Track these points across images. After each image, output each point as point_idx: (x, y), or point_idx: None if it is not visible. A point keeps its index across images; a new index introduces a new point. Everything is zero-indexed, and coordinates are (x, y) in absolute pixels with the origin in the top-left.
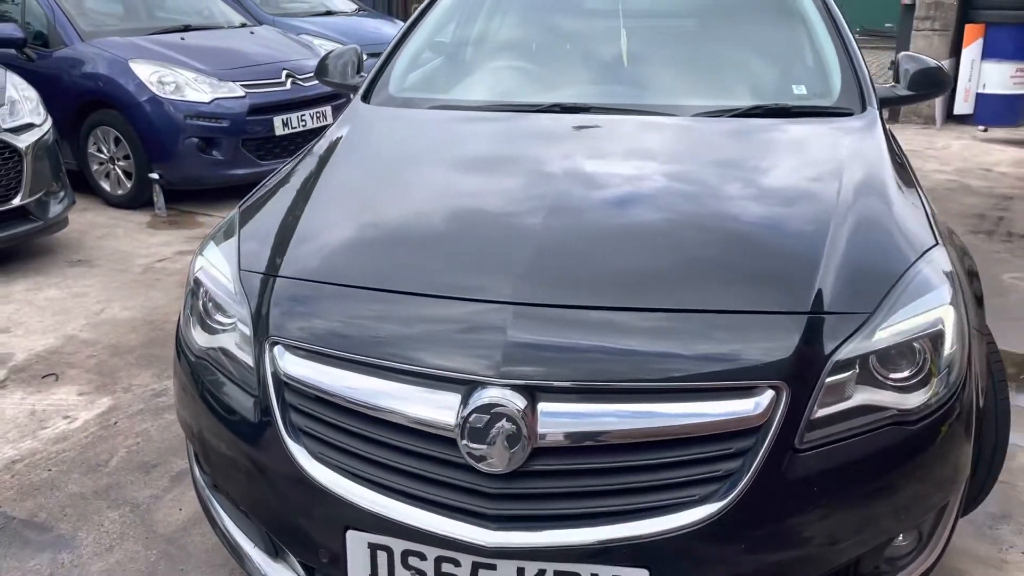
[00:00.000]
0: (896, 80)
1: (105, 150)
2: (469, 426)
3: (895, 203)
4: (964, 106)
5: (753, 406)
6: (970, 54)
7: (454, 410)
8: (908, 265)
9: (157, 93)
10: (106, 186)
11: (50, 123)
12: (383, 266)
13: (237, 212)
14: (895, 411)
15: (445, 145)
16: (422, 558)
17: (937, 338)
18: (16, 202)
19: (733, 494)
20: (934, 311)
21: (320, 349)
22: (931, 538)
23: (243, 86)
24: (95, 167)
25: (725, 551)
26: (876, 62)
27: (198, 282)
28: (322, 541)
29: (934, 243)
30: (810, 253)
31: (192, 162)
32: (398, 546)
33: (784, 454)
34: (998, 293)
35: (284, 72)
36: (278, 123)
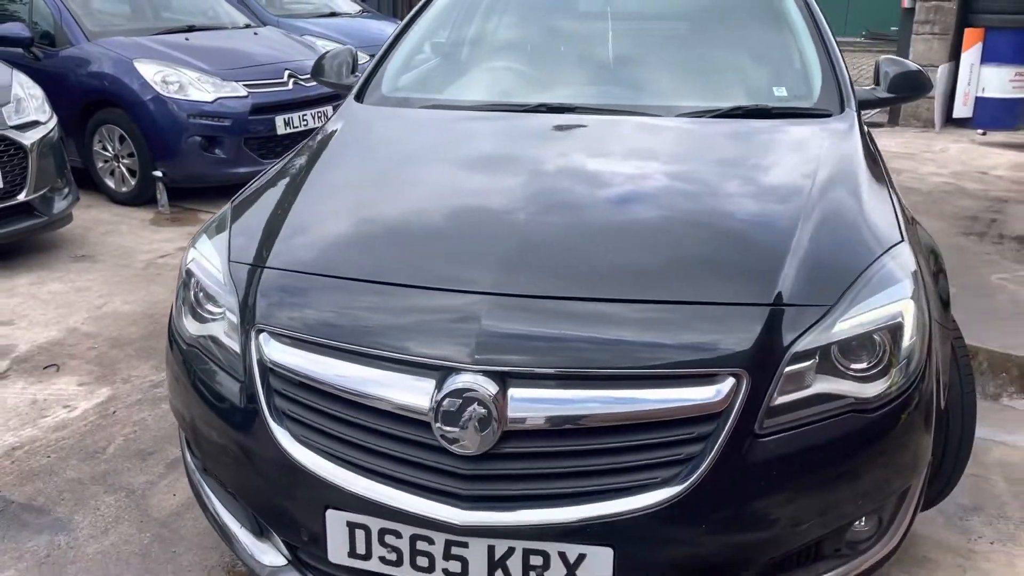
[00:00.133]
0: (876, 83)
1: (110, 148)
2: (443, 410)
3: (864, 201)
4: (963, 110)
5: (714, 393)
6: (969, 58)
7: (429, 395)
8: (871, 260)
9: (161, 92)
10: (111, 183)
11: (55, 121)
12: (366, 258)
13: (229, 207)
14: (853, 399)
15: (432, 143)
16: (398, 536)
17: (896, 330)
18: (21, 198)
19: (694, 476)
20: (894, 304)
21: (303, 336)
22: (892, 524)
23: (246, 86)
24: (100, 165)
25: (687, 531)
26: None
27: (190, 273)
28: (304, 520)
29: (899, 240)
30: (777, 248)
31: (195, 160)
32: (375, 524)
33: (744, 439)
34: (985, 294)
35: (286, 72)
36: (280, 122)
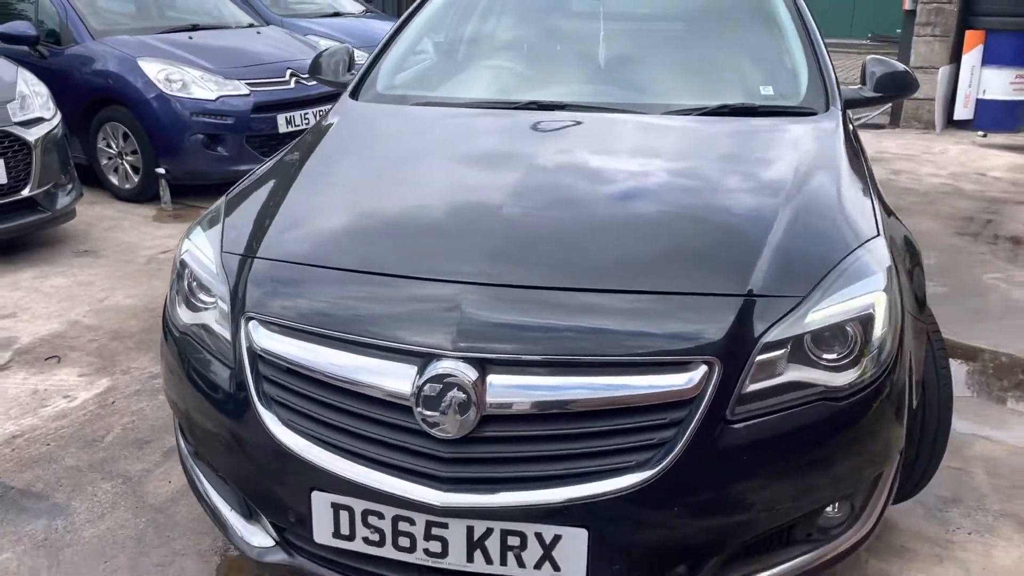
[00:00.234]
0: (863, 82)
1: (114, 145)
2: (424, 395)
3: (843, 196)
4: (964, 112)
5: (686, 380)
6: (970, 60)
7: (411, 380)
8: (846, 253)
9: (164, 90)
10: (114, 180)
11: (59, 117)
12: (354, 249)
13: (224, 200)
14: (824, 388)
15: (423, 139)
16: (380, 517)
17: (868, 321)
18: (25, 193)
19: (667, 460)
20: (866, 296)
21: (291, 324)
22: (864, 511)
23: (248, 84)
24: (104, 162)
25: (659, 513)
26: None
27: (184, 264)
28: (291, 502)
29: (875, 235)
30: (753, 241)
31: (197, 158)
32: (359, 506)
33: (715, 425)
34: (978, 292)
35: (288, 71)
36: (281, 121)
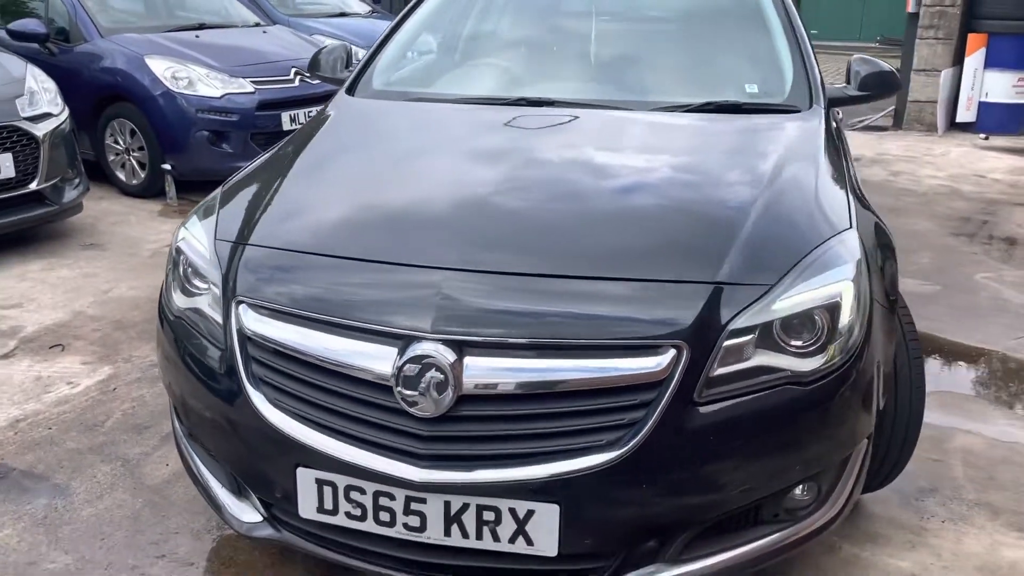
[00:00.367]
0: (848, 81)
1: (121, 142)
2: (403, 375)
3: (819, 190)
4: (966, 114)
5: (656, 363)
6: (973, 63)
7: (391, 362)
8: (817, 244)
9: (171, 88)
10: (121, 176)
11: (67, 113)
12: (339, 236)
13: (220, 191)
14: (790, 373)
15: (413, 134)
16: (362, 492)
17: (834, 309)
18: (32, 187)
19: (636, 440)
20: (834, 285)
21: (280, 308)
22: (831, 493)
23: (253, 82)
24: (111, 158)
25: (629, 490)
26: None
27: (179, 251)
28: (277, 479)
29: (847, 227)
30: (726, 231)
31: (203, 154)
32: (341, 482)
33: (683, 406)
34: (969, 291)
35: (293, 70)
36: (286, 118)
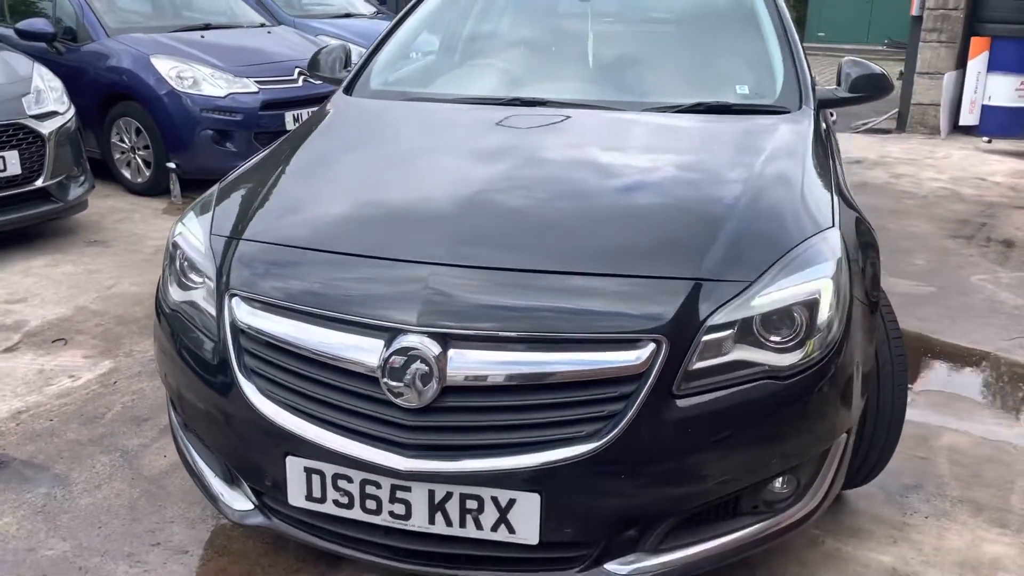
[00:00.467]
0: (839, 83)
1: (127, 140)
2: (389, 367)
3: (803, 190)
4: (969, 117)
5: (635, 357)
6: (976, 66)
7: (378, 353)
8: (798, 242)
9: (175, 87)
10: (127, 174)
11: (73, 112)
12: (331, 232)
13: (217, 187)
14: (768, 367)
15: (406, 133)
16: (349, 480)
17: (813, 306)
18: (38, 184)
19: (616, 431)
20: (813, 283)
21: (271, 301)
22: (810, 487)
23: (257, 82)
24: (117, 156)
25: (608, 480)
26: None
27: (176, 246)
28: (268, 467)
29: (829, 226)
30: (709, 229)
31: (207, 153)
32: (329, 470)
33: (662, 398)
34: (963, 292)
35: (297, 70)
36: (289, 118)
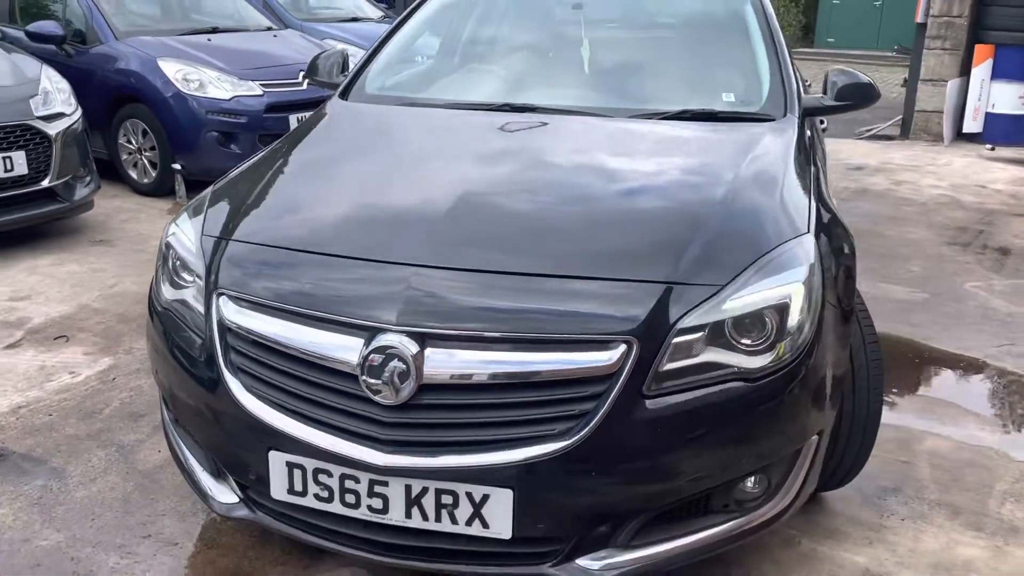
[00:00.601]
0: (825, 92)
1: (133, 141)
2: (368, 364)
3: (782, 196)
4: (973, 125)
5: (607, 357)
6: (980, 74)
7: (358, 352)
8: (771, 247)
9: (182, 89)
10: (133, 175)
11: (80, 113)
12: (318, 233)
13: (210, 189)
14: (738, 368)
15: (395, 136)
16: (329, 475)
17: (783, 310)
18: (45, 184)
19: (587, 430)
20: (785, 287)
21: (257, 300)
22: (781, 487)
23: (262, 85)
24: (124, 157)
25: (579, 478)
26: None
27: (169, 245)
28: (252, 462)
29: (804, 232)
30: (684, 234)
31: (212, 154)
32: (310, 465)
33: (633, 399)
34: (957, 299)
35: (301, 73)
36: (293, 121)
